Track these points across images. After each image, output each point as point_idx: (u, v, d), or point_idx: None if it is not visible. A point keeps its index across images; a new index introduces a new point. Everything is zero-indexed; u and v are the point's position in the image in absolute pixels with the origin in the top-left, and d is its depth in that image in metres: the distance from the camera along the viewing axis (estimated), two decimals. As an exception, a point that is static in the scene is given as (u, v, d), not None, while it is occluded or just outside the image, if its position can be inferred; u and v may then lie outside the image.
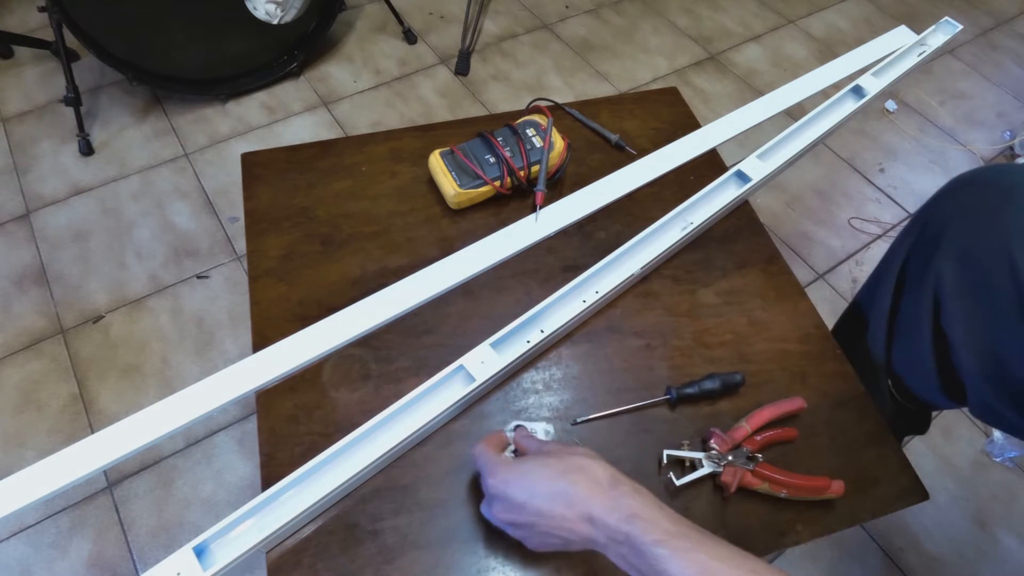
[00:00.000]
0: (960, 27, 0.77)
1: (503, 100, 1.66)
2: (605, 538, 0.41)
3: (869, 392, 0.61)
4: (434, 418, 0.54)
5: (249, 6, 1.41)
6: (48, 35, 1.52)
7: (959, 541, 1.11)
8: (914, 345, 0.63)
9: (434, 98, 1.65)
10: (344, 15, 1.78)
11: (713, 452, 0.54)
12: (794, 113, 0.71)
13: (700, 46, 1.87)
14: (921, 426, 0.75)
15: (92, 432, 0.55)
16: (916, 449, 1.16)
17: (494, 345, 0.57)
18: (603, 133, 0.79)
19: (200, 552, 0.46)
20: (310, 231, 0.68)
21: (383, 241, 0.68)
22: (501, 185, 0.69)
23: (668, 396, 0.58)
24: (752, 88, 1.77)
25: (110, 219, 1.35)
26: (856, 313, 0.74)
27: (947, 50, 1.93)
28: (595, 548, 0.42)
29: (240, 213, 1.29)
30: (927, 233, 0.62)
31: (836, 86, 0.74)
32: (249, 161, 0.73)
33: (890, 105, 1.74)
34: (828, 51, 1.90)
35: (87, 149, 1.44)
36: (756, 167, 0.69)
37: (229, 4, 1.39)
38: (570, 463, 0.44)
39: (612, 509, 0.41)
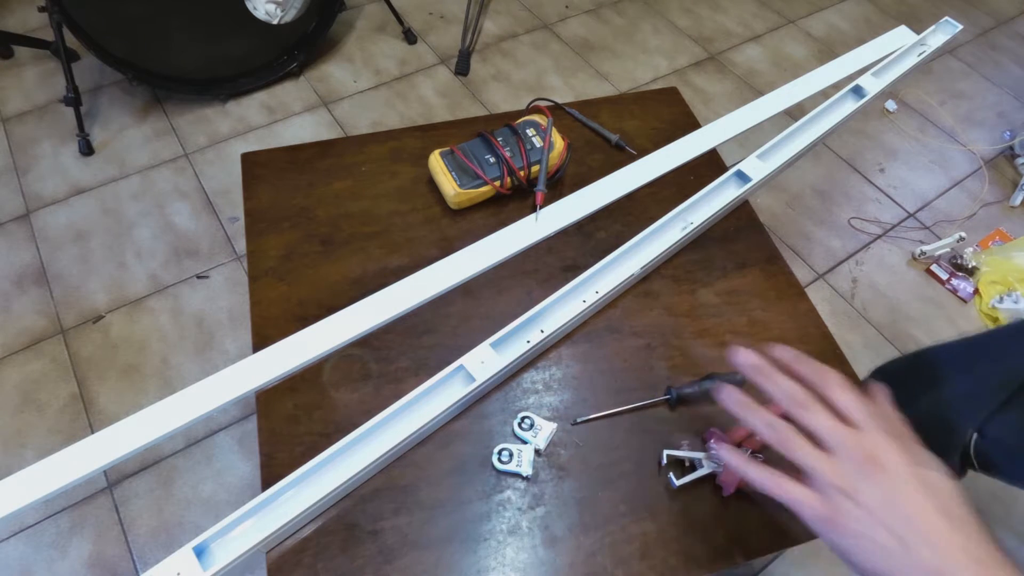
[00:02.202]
0: (960, 27, 0.77)
1: (503, 100, 1.66)
2: None
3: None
4: (434, 418, 0.54)
5: (249, 6, 1.42)
6: (48, 35, 1.52)
7: (959, 541, 1.10)
8: None
9: (434, 98, 1.65)
10: (344, 15, 1.78)
11: (713, 452, 0.54)
12: (794, 113, 0.71)
13: (700, 46, 1.87)
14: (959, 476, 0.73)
15: (92, 432, 0.55)
16: (916, 449, 1.16)
17: (494, 345, 0.57)
18: (603, 133, 0.79)
19: (200, 552, 0.46)
20: (310, 231, 0.68)
21: (383, 241, 0.68)
22: (501, 185, 0.69)
23: (668, 396, 0.58)
24: (752, 88, 1.77)
25: (110, 219, 1.35)
26: (930, 365, 0.68)
27: (947, 50, 1.93)
28: None
29: (240, 213, 1.29)
30: None
31: (836, 86, 0.74)
32: (249, 161, 0.73)
33: (890, 105, 1.74)
34: (828, 51, 1.90)
35: (87, 149, 1.44)
36: (756, 167, 0.69)
37: (229, 4, 1.39)
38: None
39: None
